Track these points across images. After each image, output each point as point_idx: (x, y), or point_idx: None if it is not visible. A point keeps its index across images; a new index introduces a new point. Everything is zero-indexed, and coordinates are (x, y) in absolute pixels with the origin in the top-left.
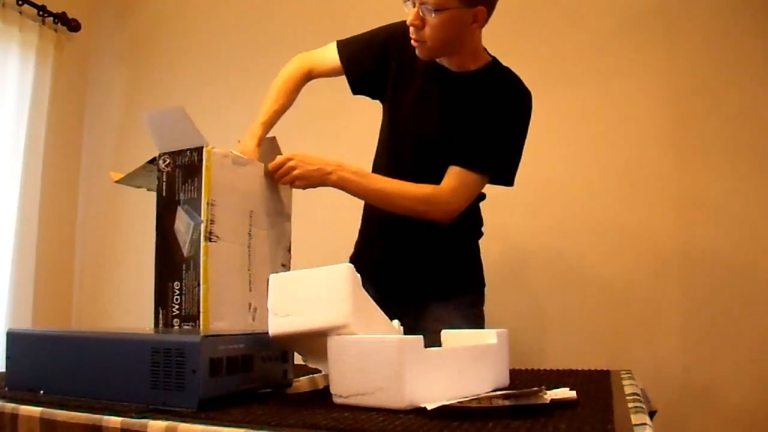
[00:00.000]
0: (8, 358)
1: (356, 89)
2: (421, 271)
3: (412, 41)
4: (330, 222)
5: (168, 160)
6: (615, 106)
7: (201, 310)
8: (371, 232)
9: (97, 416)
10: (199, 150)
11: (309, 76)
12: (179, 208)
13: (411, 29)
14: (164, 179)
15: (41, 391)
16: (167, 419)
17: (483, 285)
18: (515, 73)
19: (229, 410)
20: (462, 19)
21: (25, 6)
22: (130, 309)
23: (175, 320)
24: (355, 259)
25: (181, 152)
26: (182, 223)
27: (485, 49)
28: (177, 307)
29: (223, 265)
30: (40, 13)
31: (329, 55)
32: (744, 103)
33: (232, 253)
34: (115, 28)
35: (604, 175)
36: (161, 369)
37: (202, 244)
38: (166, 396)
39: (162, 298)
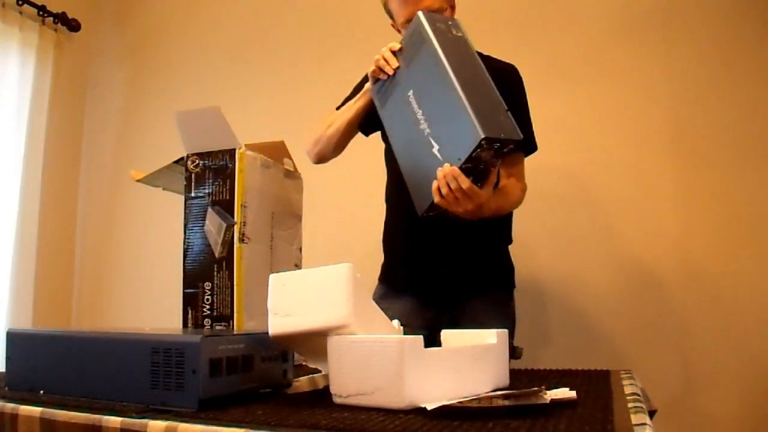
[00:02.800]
0: (8, 358)
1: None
2: (452, 272)
3: None
4: (335, 222)
5: (197, 161)
6: (614, 108)
7: (235, 310)
8: (395, 251)
9: (97, 416)
10: (231, 152)
11: None
12: (210, 209)
13: None
14: (193, 180)
15: (41, 391)
16: (167, 419)
17: (514, 286)
18: None
19: (229, 410)
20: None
21: (25, 6)
22: (130, 309)
23: (206, 320)
24: (384, 280)
25: (210, 153)
26: (213, 224)
27: None
28: (208, 307)
29: (253, 266)
30: (40, 13)
31: None
32: (745, 104)
33: (260, 254)
34: (115, 28)
35: (604, 176)
36: (161, 369)
37: (236, 245)
38: (166, 396)
39: (192, 299)
